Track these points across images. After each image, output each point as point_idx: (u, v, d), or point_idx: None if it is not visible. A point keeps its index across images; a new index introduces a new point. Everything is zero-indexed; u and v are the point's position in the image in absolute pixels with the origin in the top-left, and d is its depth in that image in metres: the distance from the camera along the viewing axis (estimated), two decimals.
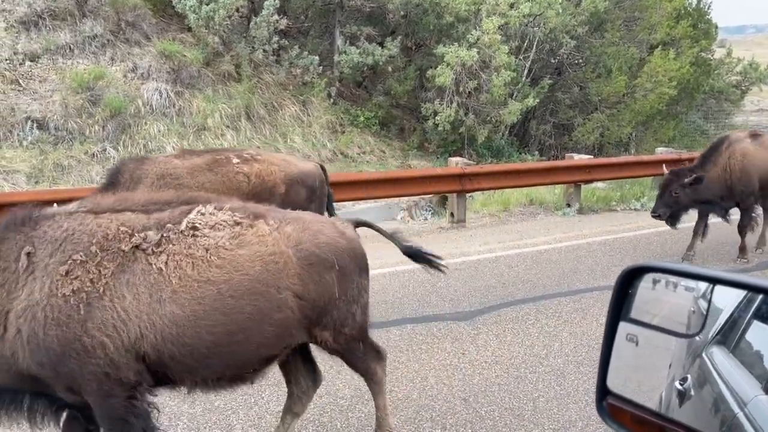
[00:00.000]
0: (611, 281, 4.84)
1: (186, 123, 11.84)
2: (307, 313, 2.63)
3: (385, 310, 5.17)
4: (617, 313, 1.42)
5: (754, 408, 1.15)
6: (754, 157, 6.61)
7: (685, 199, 6.41)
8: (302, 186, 4.76)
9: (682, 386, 1.33)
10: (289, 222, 2.69)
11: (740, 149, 6.62)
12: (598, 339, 4.67)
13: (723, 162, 6.52)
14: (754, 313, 1.26)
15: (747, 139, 6.77)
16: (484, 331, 4.75)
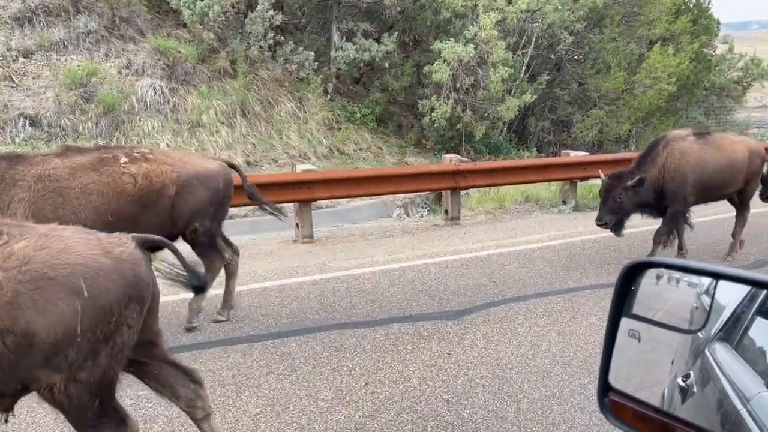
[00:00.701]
0: (603, 279, 4.78)
1: (180, 120, 11.79)
2: (24, 352, 2.11)
3: (372, 309, 5.10)
4: (619, 308, 1.41)
5: (757, 404, 1.14)
6: (693, 157, 6.17)
7: (629, 204, 6.05)
8: (201, 187, 4.36)
9: (685, 383, 1.32)
10: (25, 237, 2.20)
11: (679, 148, 6.22)
12: (586, 339, 4.62)
13: (660, 162, 6.16)
14: (757, 309, 1.25)
15: (689, 138, 6.35)
16: (472, 330, 4.68)
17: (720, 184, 6.35)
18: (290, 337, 4.44)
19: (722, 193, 6.54)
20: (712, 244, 7.34)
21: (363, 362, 4.06)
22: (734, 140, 6.61)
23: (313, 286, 5.70)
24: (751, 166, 6.53)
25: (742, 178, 6.47)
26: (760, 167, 6.62)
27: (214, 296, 5.32)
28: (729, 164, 6.34)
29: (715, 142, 6.37)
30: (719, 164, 6.26)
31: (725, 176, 6.34)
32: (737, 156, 6.38)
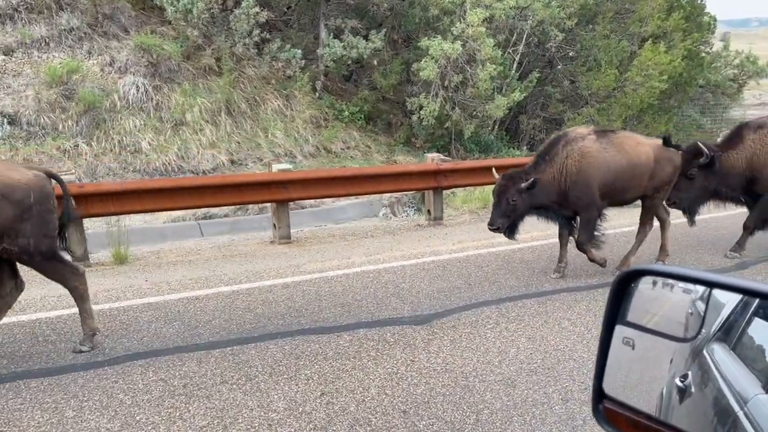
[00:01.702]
0: (581, 282, 4.63)
1: (164, 118, 11.63)
2: None
3: (340, 314, 4.98)
4: (613, 316, 1.41)
5: (754, 407, 1.14)
6: (596, 158, 5.69)
7: (523, 207, 5.62)
8: (5, 201, 3.77)
9: (683, 383, 1.32)
10: None
11: (579, 148, 5.71)
12: (556, 345, 4.50)
13: (559, 162, 5.68)
14: (754, 310, 1.26)
15: (590, 137, 5.82)
16: (440, 336, 4.55)
17: (621, 188, 5.86)
18: (251, 344, 4.31)
19: (623, 199, 6.10)
20: (696, 245, 7.23)
21: (322, 370, 3.93)
22: (640, 141, 6.07)
23: (283, 289, 5.57)
24: (658, 172, 6.01)
25: (645, 182, 5.97)
26: (670, 174, 6.08)
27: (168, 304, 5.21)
28: (630, 167, 5.82)
29: (618, 142, 5.87)
30: (620, 166, 5.78)
31: (625, 180, 5.83)
32: (640, 159, 5.88)
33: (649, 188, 6.05)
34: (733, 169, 6.38)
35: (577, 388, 3.75)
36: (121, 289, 5.52)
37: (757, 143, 6.41)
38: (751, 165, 6.38)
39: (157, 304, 5.11)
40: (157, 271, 6.21)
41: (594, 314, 5.01)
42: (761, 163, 6.36)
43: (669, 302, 1.40)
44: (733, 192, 6.49)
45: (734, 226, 8.30)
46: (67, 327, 4.61)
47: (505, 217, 5.62)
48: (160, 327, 4.60)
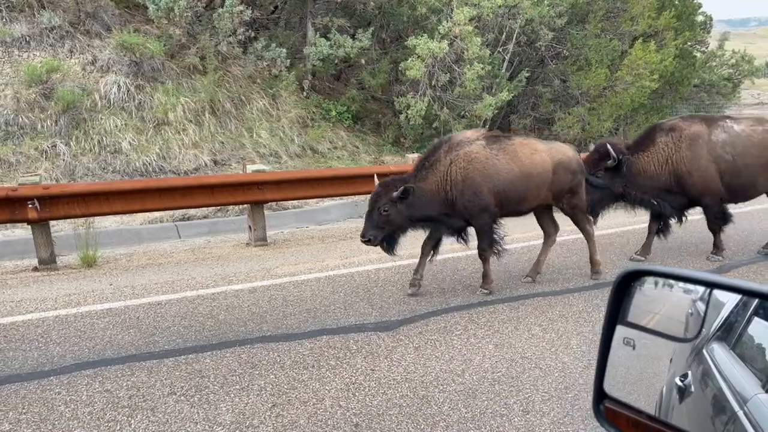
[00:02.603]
0: (557, 286, 4.50)
1: (146, 117, 11.46)
2: None
3: (304, 320, 4.83)
4: (614, 316, 1.42)
5: (754, 407, 1.15)
6: (484, 164, 5.21)
7: (399, 218, 5.07)
8: None
9: (683, 382, 1.33)
10: None
11: (465, 154, 5.22)
12: (523, 352, 4.35)
13: (442, 169, 5.16)
14: (754, 310, 1.26)
15: (479, 142, 5.33)
16: (404, 343, 4.41)
17: (515, 199, 5.40)
18: (207, 352, 4.17)
19: (519, 209, 5.61)
20: (680, 247, 7.10)
21: (278, 380, 3.79)
22: (536, 149, 5.54)
23: (250, 294, 5.43)
24: (556, 180, 5.55)
25: (543, 192, 5.53)
26: (569, 182, 5.63)
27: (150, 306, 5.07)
28: (524, 177, 5.36)
29: (511, 150, 5.38)
30: (512, 175, 5.31)
31: (519, 190, 5.38)
32: (536, 168, 5.40)
33: (549, 197, 5.66)
34: (644, 172, 6.19)
35: (540, 399, 3.61)
36: (82, 293, 5.37)
37: (671, 146, 6.19)
38: (672, 169, 6.17)
39: (116, 309, 4.96)
40: (124, 274, 6.07)
41: (566, 320, 4.87)
42: (684, 170, 6.14)
43: (669, 302, 1.41)
44: (643, 195, 6.24)
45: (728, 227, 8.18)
46: (19, 334, 4.46)
47: (378, 229, 5.05)
48: (115, 334, 4.45)
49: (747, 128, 6.29)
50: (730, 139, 6.22)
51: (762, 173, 6.32)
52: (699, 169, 6.16)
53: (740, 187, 6.35)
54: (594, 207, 6.18)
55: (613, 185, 6.17)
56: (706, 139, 6.18)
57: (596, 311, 5.05)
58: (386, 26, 15.20)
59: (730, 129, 6.27)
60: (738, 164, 6.19)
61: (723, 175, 6.21)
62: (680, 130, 6.20)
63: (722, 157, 6.17)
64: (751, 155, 6.21)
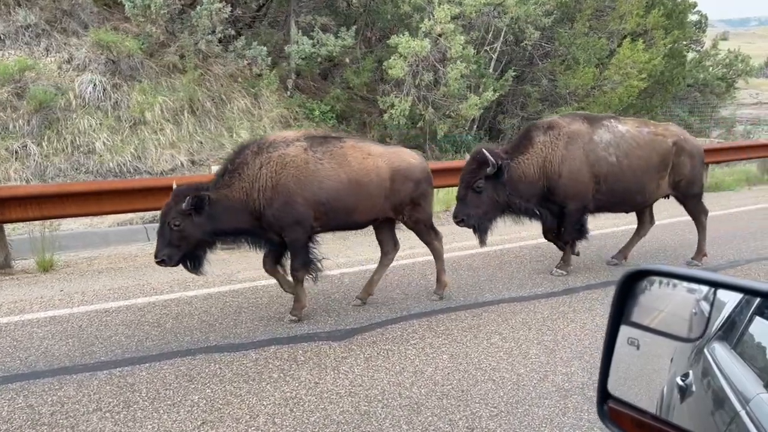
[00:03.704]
0: (525, 291, 4.29)
1: (122, 117, 11.27)
2: None
3: (256, 328, 4.64)
4: (618, 316, 1.42)
5: (756, 406, 1.14)
6: (302, 170, 4.52)
7: (197, 232, 4.41)
8: None
9: (684, 382, 1.33)
10: None
11: (279, 157, 4.50)
12: (479, 362, 4.16)
13: (251, 174, 4.47)
14: (755, 309, 1.26)
15: (298, 144, 4.62)
16: (356, 353, 4.21)
17: (343, 210, 4.69)
18: (144, 364, 3.97)
19: (349, 222, 4.91)
20: (659, 250, 6.92)
21: (213, 394, 3.60)
22: (370, 153, 4.82)
23: (204, 300, 5.23)
24: (395, 190, 4.83)
25: (380, 204, 4.84)
26: (410, 192, 4.93)
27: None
28: (353, 185, 4.66)
29: (340, 153, 4.70)
30: (338, 183, 4.62)
31: (347, 200, 4.66)
32: (367, 174, 4.72)
33: (387, 209, 4.92)
34: (524, 177, 5.55)
35: (488, 414, 3.42)
36: (29, 300, 5.18)
37: (548, 147, 5.61)
38: (545, 172, 5.59)
39: (60, 318, 4.76)
40: (79, 280, 5.87)
41: (529, 328, 4.69)
42: (555, 171, 5.57)
43: (673, 302, 1.40)
44: (527, 204, 5.64)
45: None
46: None
47: (173, 247, 4.40)
48: (52, 344, 4.25)
49: (633, 129, 5.81)
50: (614, 139, 5.69)
51: (650, 179, 5.84)
52: (571, 171, 5.58)
53: (625, 192, 5.78)
54: (481, 223, 5.52)
55: (497, 195, 5.48)
56: (587, 139, 5.65)
57: (561, 319, 4.87)
58: (371, 25, 15.03)
59: (615, 129, 5.75)
60: (622, 167, 5.68)
61: (606, 178, 5.67)
62: (559, 129, 5.65)
63: (605, 159, 5.64)
64: (636, 157, 5.71)
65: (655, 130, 5.96)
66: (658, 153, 5.84)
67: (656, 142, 5.85)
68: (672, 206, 9.58)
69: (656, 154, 5.84)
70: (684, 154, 5.98)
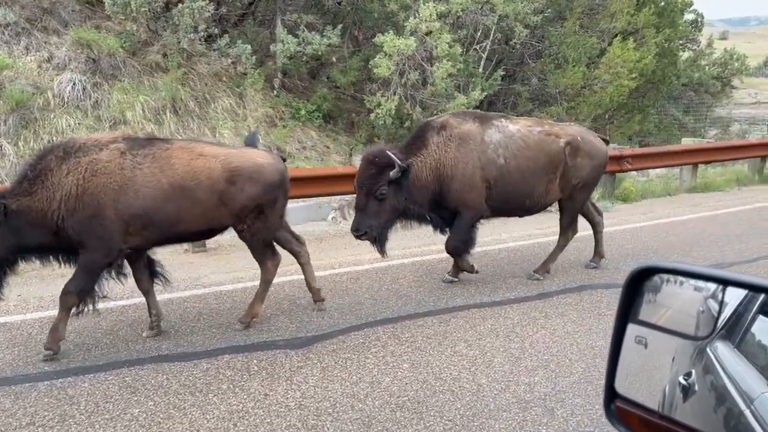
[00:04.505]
0: (498, 296, 4.13)
1: (102, 117, 11.08)
2: None
3: (211, 336, 4.47)
4: (626, 314, 1.41)
5: (761, 405, 1.14)
6: (117, 177, 3.97)
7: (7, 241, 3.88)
8: None
9: (686, 381, 1.32)
10: None
11: (90, 162, 3.97)
12: (439, 372, 3.99)
13: (56, 180, 3.93)
14: (759, 308, 1.24)
15: (114, 146, 4.07)
16: (312, 362, 4.05)
17: (166, 221, 4.11)
18: (88, 375, 3.81)
19: (174, 235, 4.35)
20: (640, 251, 6.76)
21: (155, 407, 3.43)
22: (203, 152, 4.28)
23: (164, 306, 5.04)
24: (233, 195, 4.24)
25: (215, 210, 4.26)
26: (255, 197, 4.32)
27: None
28: (175, 190, 4.09)
29: (164, 155, 4.13)
30: (158, 189, 4.05)
31: (169, 209, 4.09)
32: (194, 177, 4.15)
33: (225, 217, 4.33)
34: (417, 181, 5.13)
35: (441, 428, 3.26)
36: None
37: (441, 148, 5.23)
38: (437, 175, 5.20)
39: (11, 324, 4.60)
40: (39, 284, 5.70)
41: (497, 335, 4.53)
42: (448, 174, 5.20)
43: (681, 300, 1.39)
44: (420, 209, 5.25)
45: (687, 231, 7.85)
46: None
47: None
48: None
49: (523, 129, 5.48)
50: (503, 140, 5.34)
51: (539, 182, 5.49)
52: (463, 175, 5.21)
53: (515, 196, 5.46)
54: (381, 233, 5.13)
55: (397, 201, 5.06)
56: (478, 139, 5.29)
57: (531, 325, 4.71)
58: (359, 23, 14.85)
59: (505, 129, 5.42)
60: (510, 169, 5.33)
61: (496, 182, 5.32)
62: (451, 129, 5.29)
63: (494, 160, 5.29)
64: (524, 158, 5.37)
65: (548, 129, 5.61)
66: (546, 154, 5.47)
67: (546, 142, 5.49)
68: (659, 207, 9.45)
69: (544, 154, 5.47)
70: (581, 155, 5.60)
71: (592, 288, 5.63)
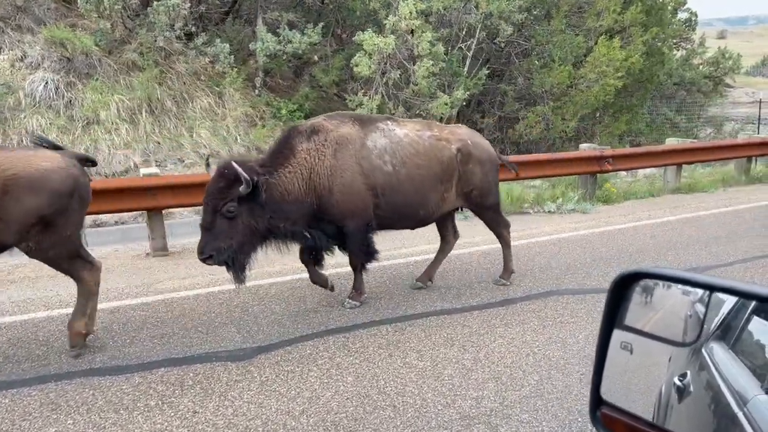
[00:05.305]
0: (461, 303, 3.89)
1: (75, 116, 10.89)
2: None
3: (153, 347, 4.27)
4: (611, 320, 1.39)
5: (754, 408, 1.14)
6: None
7: None
8: None
9: (682, 382, 1.32)
10: None
11: None
12: (384, 386, 3.79)
13: None
14: (753, 309, 1.24)
15: None
16: (252, 376, 3.85)
17: None
18: (12, 390, 3.60)
19: None
20: (615, 256, 6.57)
21: (74, 426, 3.23)
22: None
23: (109, 315, 4.86)
24: (5, 207, 3.55)
25: None
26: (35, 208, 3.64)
27: None
28: None
29: None
30: None
31: None
32: None
33: (5, 234, 3.66)
34: (288, 194, 4.55)
35: None
36: None
37: (314, 156, 4.65)
38: (312, 187, 4.63)
39: None
40: None
41: (452, 344, 4.33)
42: (325, 185, 4.64)
43: (667, 304, 1.38)
44: (294, 227, 4.64)
45: (665, 234, 7.66)
46: None
47: None
48: None
49: (412, 133, 5.02)
50: (390, 145, 4.87)
51: (432, 190, 5.06)
52: (343, 185, 4.68)
53: (407, 207, 4.99)
54: (236, 258, 4.43)
55: (255, 221, 4.44)
56: (358, 145, 4.77)
57: (489, 334, 4.52)
58: (341, 22, 14.66)
59: (391, 133, 4.94)
60: (400, 177, 4.87)
61: (384, 191, 4.84)
62: (325, 133, 4.72)
63: (380, 167, 4.81)
64: (414, 165, 4.92)
65: (438, 134, 5.14)
66: (440, 161, 5.05)
67: (438, 148, 5.06)
68: (640, 209, 9.26)
69: (438, 161, 5.04)
70: (472, 161, 5.22)
71: (558, 294, 5.43)
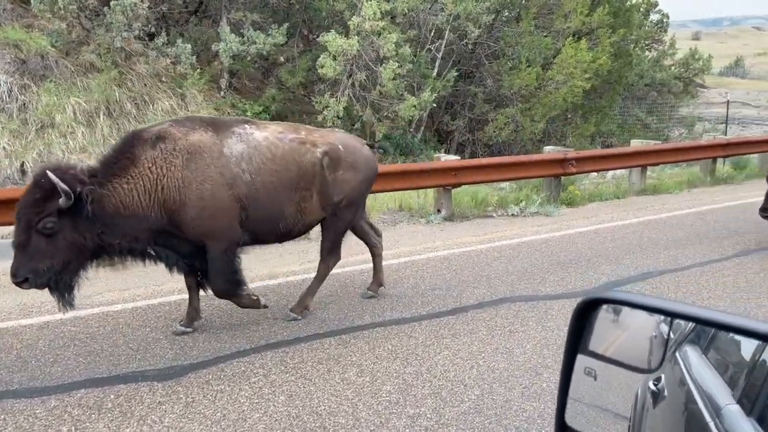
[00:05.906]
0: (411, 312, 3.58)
1: (29, 120, 10.52)
2: None
3: (77, 365, 4.04)
4: (575, 345, 1.38)
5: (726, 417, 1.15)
6: None
7: None
8: None
9: (656, 386, 1.34)
10: None
11: None
12: (316, 406, 3.59)
13: None
14: None
15: None
16: (178, 396, 3.64)
17: None
18: None
19: None
20: (573, 261, 6.48)
21: None
22: None
23: (37, 330, 4.61)
24: None
25: None
26: None
27: None
28: None
29: None
30: None
31: None
32: None
33: None
34: (125, 208, 4.03)
35: None
36: None
37: (160, 166, 4.11)
38: (159, 201, 4.11)
39: None
40: None
41: (395, 357, 4.17)
42: (176, 199, 4.13)
43: (633, 324, 1.38)
44: (134, 244, 4.15)
45: (625, 237, 7.61)
46: None
47: None
48: None
49: (272, 137, 4.55)
50: (247, 151, 4.38)
51: (289, 201, 4.58)
52: (200, 198, 4.17)
53: (266, 219, 4.53)
54: (60, 279, 3.95)
55: (81, 237, 3.91)
56: (215, 152, 4.26)
57: (435, 345, 4.37)
58: (308, 22, 14.45)
59: (249, 138, 4.45)
60: (258, 186, 4.40)
61: (248, 202, 4.38)
62: (173, 140, 4.18)
63: (239, 176, 4.32)
64: (268, 172, 4.44)
65: (304, 137, 4.71)
66: (298, 165, 4.58)
67: (299, 152, 4.60)
68: (604, 211, 9.21)
69: (295, 166, 4.56)
70: (343, 167, 4.79)
71: (511, 301, 5.31)
